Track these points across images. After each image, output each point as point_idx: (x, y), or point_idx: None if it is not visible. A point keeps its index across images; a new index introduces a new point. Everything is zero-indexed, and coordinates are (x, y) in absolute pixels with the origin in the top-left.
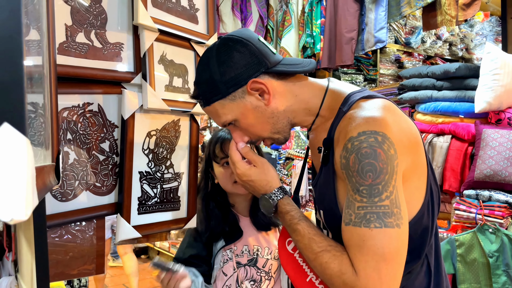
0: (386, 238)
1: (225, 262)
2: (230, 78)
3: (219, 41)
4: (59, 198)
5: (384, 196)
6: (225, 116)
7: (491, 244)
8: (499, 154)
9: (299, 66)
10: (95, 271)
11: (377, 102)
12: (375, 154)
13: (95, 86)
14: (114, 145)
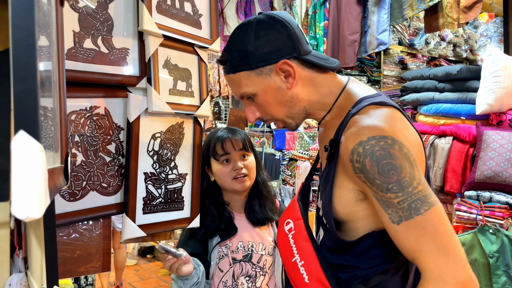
0: (437, 214)
1: (221, 258)
2: (263, 53)
3: (262, 15)
4: (67, 198)
5: (416, 183)
6: (247, 87)
7: (492, 245)
8: (499, 156)
9: (327, 61)
10: (101, 269)
11: (385, 111)
12: (390, 155)
13: (102, 90)
14: (120, 147)
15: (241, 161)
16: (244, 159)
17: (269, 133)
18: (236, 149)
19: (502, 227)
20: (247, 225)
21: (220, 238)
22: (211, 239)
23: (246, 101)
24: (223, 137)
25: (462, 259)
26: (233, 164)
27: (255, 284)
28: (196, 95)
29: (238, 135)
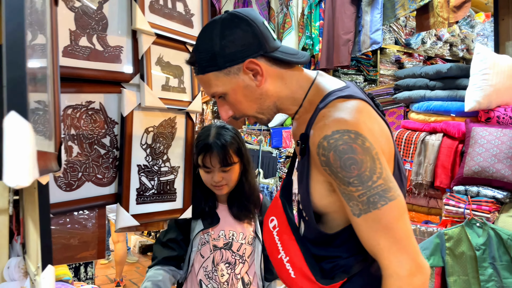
0: (393, 209)
1: (203, 244)
2: (230, 53)
3: (225, 15)
4: (63, 188)
5: (375, 178)
6: (217, 87)
7: (478, 238)
8: (487, 151)
9: (295, 56)
10: (96, 256)
11: (351, 104)
12: (352, 149)
13: (97, 86)
14: (114, 140)
15: (221, 173)
16: (225, 171)
17: (266, 131)
18: (215, 166)
19: (489, 221)
20: (229, 215)
21: (203, 226)
22: (193, 227)
23: (218, 100)
24: (205, 150)
25: (413, 251)
26: (213, 175)
27: (234, 271)
28: (188, 91)
29: (218, 151)
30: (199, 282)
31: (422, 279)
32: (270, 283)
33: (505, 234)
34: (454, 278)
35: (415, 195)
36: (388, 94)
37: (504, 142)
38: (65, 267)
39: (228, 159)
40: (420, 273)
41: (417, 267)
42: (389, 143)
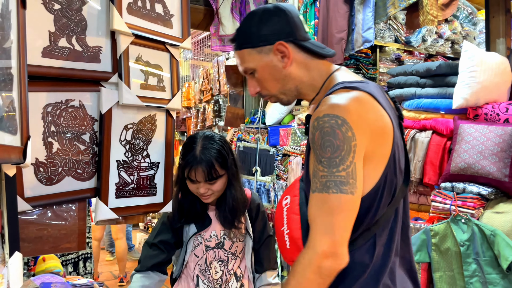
0: (340, 201)
1: (196, 246)
2: (264, 34)
3: (271, 5)
4: (44, 182)
5: (341, 168)
6: (249, 63)
7: (463, 234)
8: (472, 148)
9: (322, 49)
10: (77, 248)
11: (351, 93)
12: (334, 133)
13: (76, 84)
14: (94, 137)
15: (207, 185)
16: (211, 183)
17: (264, 130)
18: (201, 180)
19: (473, 217)
20: (216, 217)
21: (196, 229)
22: (186, 230)
23: (249, 76)
24: (190, 164)
25: (339, 240)
26: (198, 186)
27: (227, 267)
28: (167, 89)
29: (203, 167)
30: (196, 277)
31: (333, 265)
32: (261, 275)
33: (488, 230)
34: (440, 273)
35: None
36: None
37: (489, 139)
38: (57, 260)
39: (213, 173)
40: (333, 259)
41: (333, 253)
42: (383, 138)
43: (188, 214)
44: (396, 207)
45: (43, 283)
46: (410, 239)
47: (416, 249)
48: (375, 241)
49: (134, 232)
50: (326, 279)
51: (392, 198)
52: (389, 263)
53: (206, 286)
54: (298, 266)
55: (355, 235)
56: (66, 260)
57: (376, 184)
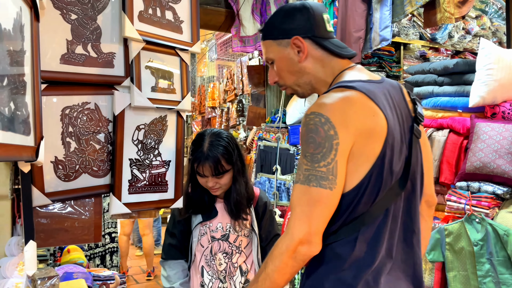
0: (319, 194)
1: (202, 235)
2: (284, 28)
3: (298, 2)
4: (62, 179)
5: (322, 164)
6: (269, 53)
7: (477, 233)
8: (488, 147)
9: (340, 49)
10: (93, 239)
11: (342, 93)
12: (317, 131)
13: (92, 88)
14: (108, 137)
15: (214, 179)
16: (218, 177)
17: (284, 129)
18: (208, 175)
19: (488, 216)
20: (225, 210)
21: (202, 219)
22: (193, 220)
23: (270, 65)
24: (199, 160)
25: (315, 230)
26: (207, 180)
27: (231, 260)
28: (178, 91)
29: (210, 163)
30: (201, 268)
31: (307, 252)
32: None
33: (501, 230)
34: (453, 273)
35: None
36: None
37: (505, 138)
38: (81, 252)
39: (219, 168)
40: (308, 246)
41: (309, 240)
42: (370, 138)
43: (196, 205)
44: (387, 208)
45: (66, 272)
46: (417, 245)
47: (430, 248)
48: (357, 237)
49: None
50: (300, 263)
51: (375, 198)
52: (374, 262)
53: (211, 277)
54: (276, 250)
55: (335, 227)
56: (94, 253)
57: (359, 182)
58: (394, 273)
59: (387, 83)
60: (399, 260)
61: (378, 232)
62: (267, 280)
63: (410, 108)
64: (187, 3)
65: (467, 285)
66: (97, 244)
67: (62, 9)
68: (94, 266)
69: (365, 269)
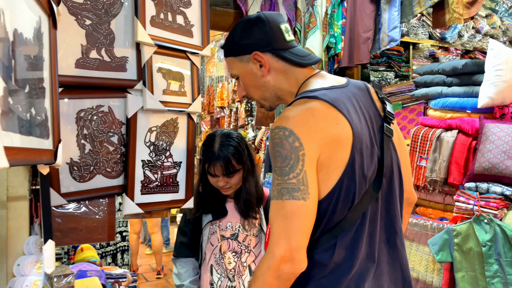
0: (293, 206)
1: (212, 234)
2: (243, 44)
3: (254, 14)
4: (77, 180)
5: (291, 176)
6: (233, 70)
7: (485, 234)
8: (497, 148)
9: (301, 58)
10: (107, 238)
11: (305, 105)
12: (282, 144)
13: (106, 92)
14: (122, 139)
15: (225, 178)
16: (229, 177)
17: None
18: (219, 174)
19: (496, 217)
20: (236, 209)
21: (212, 218)
22: (203, 219)
23: (237, 81)
24: (209, 160)
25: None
26: (217, 180)
27: (241, 260)
28: (188, 94)
29: (221, 163)
30: (211, 267)
31: (291, 269)
32: None
33: (510, 231)
34: (462, 273)
35: (430, 192)
36: (410, 91)
37: None
38: (94, 251)
39: (230, 168)
40: (291, 264)
41: (291, 258)
42: (341, 147)
43: (207, 205)
44: (364, 212)
45: (80, 270)
46: (401, 246)
47: (438, 249)
48: (335, 243)
49: (172, 227)
50: (284, 282)
51: (352, 204)
52: (353, 267)
53: (219, 276)
54: (258, 270)
55: (315, 236)
56: (105, 252)
57: (331, 189)
58: (380, 278)
59: (352, 86)
60: (385, 262)
61: (356, 236)
62: None
63: (378, 108)
64: (198, 8)
65: (475, 286)
66: (109, 242)
67: (77, 15)
68: (106, 264)
69: (345, 275)
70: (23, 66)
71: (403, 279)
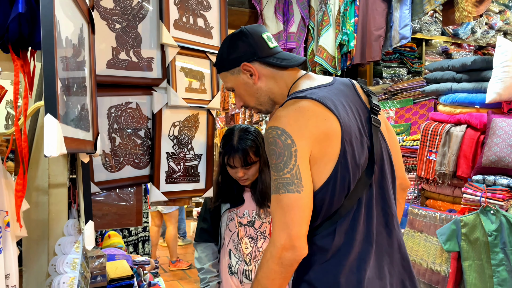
0: (289, 199)
1: (230, 220)
2: (232, 58)
3: (237, 30)
4: (108, 169)
5: (286, 171)
6: (227, 83)
7: (491, 224)
8: (503, 142)
9: (285, 61)
10: (135, 223)
11: (295, 104)
12: (275, 143)
13: (133, 89)
14: (148, 133)
15: (243, 170)
16: (247, 168)
17: None
18: (238, 166)
19: (502, 208)
20: (252, 199)
21: (230, 206)
22: (222, 207)
23: (233, 93)
24: (229, 152)
25: (295, 233)
26: (236, 171)
27: (257, 245)
28: (208, 92)
29: (240, 154)
30: (229, 251)
31: (292, 256)
32: None
33: None
34: (469, 262)
35: (439, 185)
36: (421, 87)
37: None
38: (120, 237)
39: (248, 160)
40: (292, 251)
41: (292, 246)
42: (331, 142)
43: (226, 194)
44: (359, 198)
45: (109, 254)
46: (397, 227)
47: (446, 239)
48: (335, 229)
49: (188, 221)
50: (287, 268)
51: (348, 191)
52: (352, 250)
53: (237, 260)
54: (263, 258)
55: (316, 224)
56: (127, 241)
57: (326, 180)
58: (380, 259)
59: (338, 83)
60: (384, 244)
61: (353, 221)
62: (259, 286)
63: (364, 101)
64: (217, 10)
65: (482, 274)
66: (131, 233)
67: (108, 19)
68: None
69: (346, 257)
70: (72, 68)
71: (401, 259)
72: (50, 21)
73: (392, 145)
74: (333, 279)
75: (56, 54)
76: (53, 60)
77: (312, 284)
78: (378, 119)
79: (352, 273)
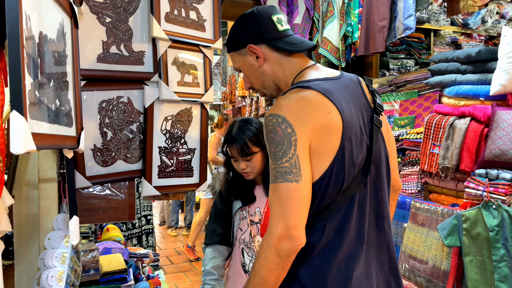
0: (287, 188)
1: (241, 219)
2: (240, 38)
3: (249, 10)
4: (100, 164)
5: (284, 160)
6: (236, 63)
7: (493, 220)
8: (507, 135)
9: (294, 45)
10: (128, 218)
11: (299, 93)
12: (275, 131)
13: (125, 84)
14: (140, 127)
15: (244, 161)
16: (248, 159)
17: None
18: (237, 156)
19: (504, 203)
20: (264, 195)
21: (242, 204)
22: (234, 205)
23: (240, 73)
24: (227, 142)
25: (292, 223)
26: (238, 164)
27: None
28: (201, 85)
29: (237, 144)
30: (242, 250)
31: (289, 246)
32: None
33: None
34: (470, 258)
35: (443, 178)
36: (425, 79)
37: None
38: (118, 231)
39: (246, 149)
40: (289, 241)
41: (289, 235)
42: (331, 136)
43: (237, 193)
44: (352, 196)
45: (106, 247)
46: (388, 229)
47: (447, 234)
48: (325, 225)
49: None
50: (284, 259)
51: (341, 188)
52: (341, 248)
53: (250, 258)
54: (260, 249)
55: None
56: (131, 234)
57: (322, 175)
58: (368, 259)
59: (345, 78)
60: (373, 244)
61: (344, 219)
62: (256, 277)
63: (369, 100)
64: (210, 3)
65: (483, 269)
66: (134, 225)
67: (98, 13)
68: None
69: (333, 254)
70: (49, 63)
71: (389, 260)
72: (16, 16)
73: (390, 146)
74: (319, 276)
75: (22, 49)
76: (19, 56)
77: (299, 279)
78: (380, 120)
79: (340, 271)
